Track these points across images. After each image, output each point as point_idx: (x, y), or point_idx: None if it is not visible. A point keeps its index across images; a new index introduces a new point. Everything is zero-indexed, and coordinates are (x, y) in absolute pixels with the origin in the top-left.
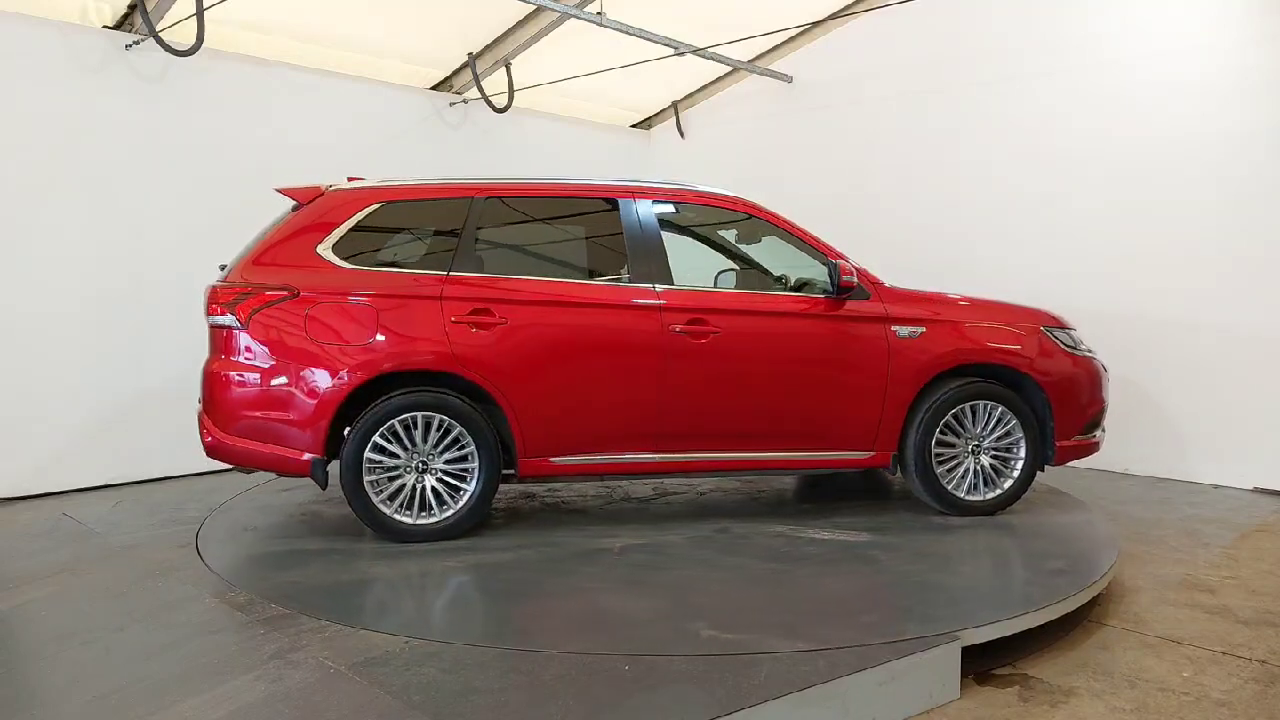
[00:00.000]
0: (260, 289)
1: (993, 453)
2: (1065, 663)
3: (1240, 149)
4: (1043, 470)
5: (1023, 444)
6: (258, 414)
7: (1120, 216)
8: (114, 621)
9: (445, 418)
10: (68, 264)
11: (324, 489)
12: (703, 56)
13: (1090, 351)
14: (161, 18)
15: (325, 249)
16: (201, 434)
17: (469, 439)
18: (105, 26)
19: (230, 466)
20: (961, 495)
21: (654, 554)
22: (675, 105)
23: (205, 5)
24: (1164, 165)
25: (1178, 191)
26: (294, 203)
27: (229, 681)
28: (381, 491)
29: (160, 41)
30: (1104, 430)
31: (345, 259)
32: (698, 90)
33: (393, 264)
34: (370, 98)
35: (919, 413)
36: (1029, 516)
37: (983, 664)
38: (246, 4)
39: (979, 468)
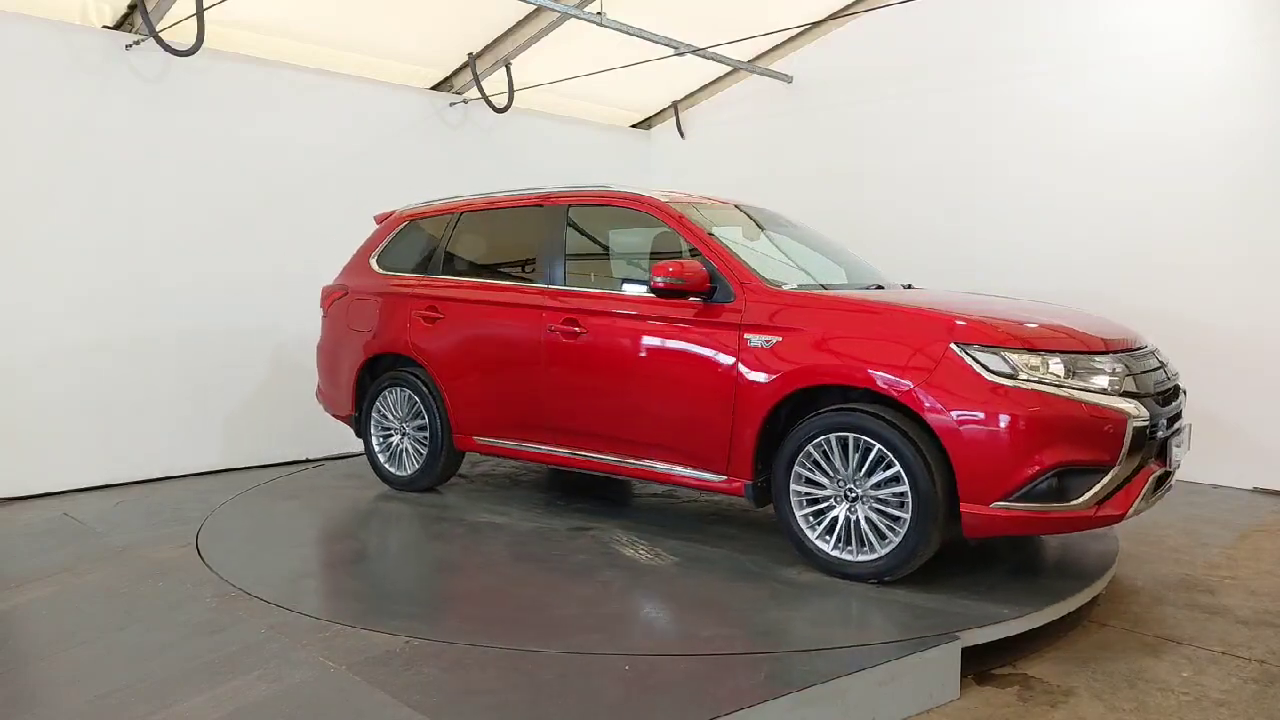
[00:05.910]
0: (336, 289)
1: (874, 503)
2: (1065, 663)
3: (1240, 148)
4: (967, 541)
5: (908, 500)
6: (329, 378)
7: (1122, 215)
8: (114, 621)
9: (411, 393)
10: (68, 264)
11: (358, 436)
12: (703, 56)
13: (1059, 383)
14: (161, 18)
15: (373, 259)
16: (316, 392)
17: (425, 412)
18: (105, 26)
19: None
20: (826, 549)
21: (475, 532)
22: (675, 105)
23: (205, 5)
24: (1166, 164)
25: (1181, 190)
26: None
27: (229, 681)
28: (381, 444)
29: (160, 41)
30: (1094, 500)
31: (380, 267)
32: (698, 90)
33: (400, 270)
34: (370, 98)
35: (784, 442)
36: None
37: (983, 664)
38: (246, 4)
39: (854, 519)
